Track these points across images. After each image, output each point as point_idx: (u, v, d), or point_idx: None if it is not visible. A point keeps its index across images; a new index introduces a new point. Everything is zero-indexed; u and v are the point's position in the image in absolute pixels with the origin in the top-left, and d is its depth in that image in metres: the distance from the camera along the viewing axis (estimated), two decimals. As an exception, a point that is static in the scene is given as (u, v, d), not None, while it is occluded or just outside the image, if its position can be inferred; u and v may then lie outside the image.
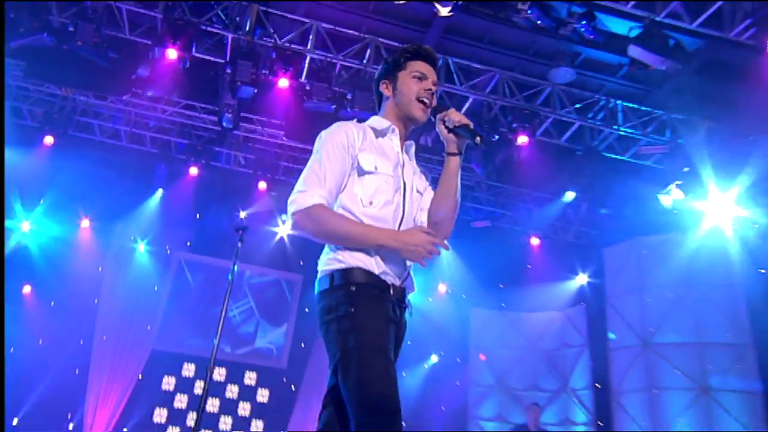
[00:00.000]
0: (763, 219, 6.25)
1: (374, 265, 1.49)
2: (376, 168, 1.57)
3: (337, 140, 1.56)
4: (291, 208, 1.50)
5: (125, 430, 7.41)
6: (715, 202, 6.33)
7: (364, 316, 1.42)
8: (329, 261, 1.53)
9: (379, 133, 1.66)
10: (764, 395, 5.99)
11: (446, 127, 1.61)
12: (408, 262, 1.58)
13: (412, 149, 1.76)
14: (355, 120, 1.70)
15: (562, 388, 7.90)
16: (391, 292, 1.52)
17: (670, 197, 6.65)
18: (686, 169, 6.48)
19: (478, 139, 1.54)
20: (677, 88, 6.32)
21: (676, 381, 6.44)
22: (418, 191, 1.70)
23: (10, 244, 7.02)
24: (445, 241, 1.59)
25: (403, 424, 1.38)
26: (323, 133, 1.61)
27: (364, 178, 1.56)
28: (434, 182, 1.83)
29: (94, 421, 7.11)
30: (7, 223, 6.98)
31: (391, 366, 1.40)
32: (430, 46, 3.72)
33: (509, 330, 8.22)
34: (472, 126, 1.58)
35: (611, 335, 7.12)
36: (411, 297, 1.65)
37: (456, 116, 1.60)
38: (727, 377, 6.21)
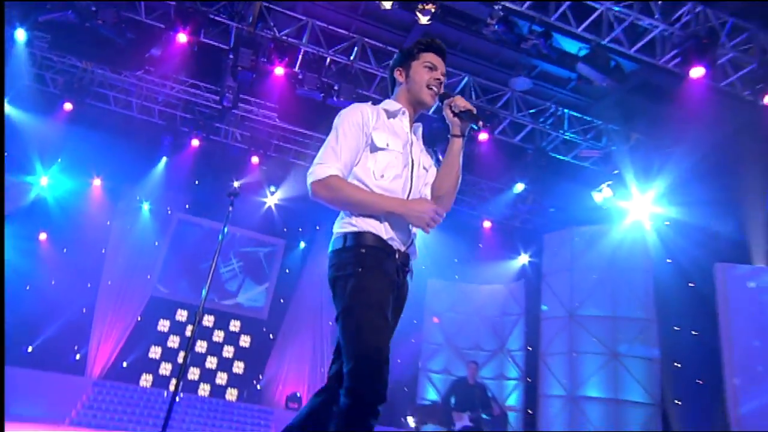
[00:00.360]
0: (674, 217, 7.13)
1: (383, 231, 1.55)
2: (387, 145, 1.62)
3: (353, 119, 1.61)
4: (309, 179, 1.56)
5: (125, 363, 8.10)
6: (637, 201, 7.18)
7: (369, 276, 1.48)
8: (344, 224, 1.58)
9: (391, 115, 1.71)
10: (661, 361, 6.96)
11: (452, 112, 1.67)
12: (413, 231, 1.64)
13: (420, 130, 1.79)
14: (370, 102, 1.75)
15: (499, 348, 8.63)
16: (397, 256, 1.57)
17: (602, 195, 7.43)
18: (616, 172, 7.25)
19: (480, 123, 1.63)
20: (614, 103, 7.03)
21: (592, 347, 7.28)
22: (424, 168, 1.74)
23: (29, 196, 7.56)
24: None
25: None
26: (342, 112, 1.65)
27: (377, 154, 1.61)
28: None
29: (97, 354, 7.81)
30: (27, 177, 7.59)
31: (386, 323, 1.46)
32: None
33: (460, 298, 8.92)
34: (475, 111, 1.65)
35: (544, 307, 7.88)
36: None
37: (461, 102, 1.66)
38: (633, 345, 7.11)
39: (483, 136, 7.08)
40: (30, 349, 7.54)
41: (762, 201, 6.54)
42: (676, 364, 6.96)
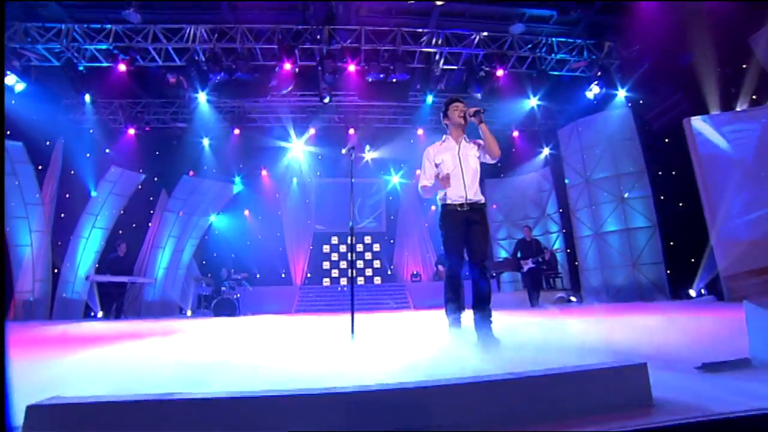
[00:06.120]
0: (644, 100, 9.43)
1: (447, 198, 3.07)
2: (442, 161, 3.15)
3: (426, 155, 3.24)
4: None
5: (309, 274, 12.36)
6: (618, 92, 9.64)
7: (442, 224, 3.10)
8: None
9: (444, 142, 3.25)
10: (652, 197, 9.32)
11: (470, 116, 3.10)
12: (467, 191, 3.02)
13: (465, 139, 3.22)
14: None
15: (542, 214, 11.50)
16: (459, 209, 3.01)
17: (592, 92, 9.78)
18: (599, 74, 9.57)
19: (481, 114, 3.04)
20: (587, 25, 9.27)
21: (604, 198, 9.83)
22: (470, 156, 3.13)
23: (233, 192, 12.01)
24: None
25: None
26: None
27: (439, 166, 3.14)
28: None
29: (295, 272, 12.25)
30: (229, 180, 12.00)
31: (454, 250, 3.02)
32: (432, 29, 8.14)
33: (509, 188, 11.88)
34: (478, 110, 3.09)
35: (566, 180, 10.43)
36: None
37: (471, 110, 3.09)
38: (632, 190, 9.58)
39: (500, 72, 9.58)
40: (258, 275, 12.11)
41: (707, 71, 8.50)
42: (661, 197, 9.38)
